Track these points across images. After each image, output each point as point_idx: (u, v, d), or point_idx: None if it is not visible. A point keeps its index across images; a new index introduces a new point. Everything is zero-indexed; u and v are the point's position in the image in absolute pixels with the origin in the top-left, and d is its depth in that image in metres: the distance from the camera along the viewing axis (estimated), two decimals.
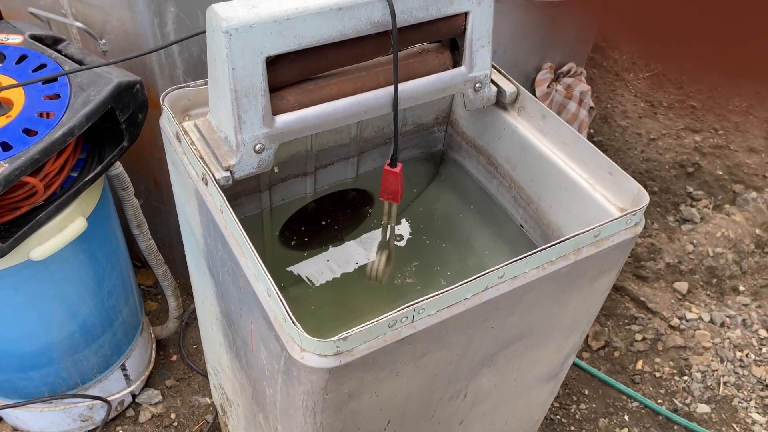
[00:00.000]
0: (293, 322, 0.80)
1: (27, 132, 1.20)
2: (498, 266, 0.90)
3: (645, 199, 1.02)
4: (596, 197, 1.11)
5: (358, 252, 1.48)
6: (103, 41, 1.58)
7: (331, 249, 1.47)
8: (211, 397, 1.94)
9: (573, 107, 1.94)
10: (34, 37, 1.37)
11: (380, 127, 1.39)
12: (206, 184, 1.00)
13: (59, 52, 1.39)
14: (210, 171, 0.98)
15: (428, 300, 0.84)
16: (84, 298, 1.50)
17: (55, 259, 1.35)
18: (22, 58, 1.32)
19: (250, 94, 0.95)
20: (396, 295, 1.43)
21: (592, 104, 1.95)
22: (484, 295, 0.91)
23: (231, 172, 1.00)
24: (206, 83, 1.13)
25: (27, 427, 1.77)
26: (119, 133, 1.38)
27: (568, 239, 0.94)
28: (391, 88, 1.08)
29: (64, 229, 1.33)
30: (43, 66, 1.31)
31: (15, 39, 1.35)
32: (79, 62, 1.37)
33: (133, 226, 1.65)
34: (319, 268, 1.46)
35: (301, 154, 1.32)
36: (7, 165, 1.14)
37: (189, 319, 2.13)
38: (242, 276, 0.93)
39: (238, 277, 0.96)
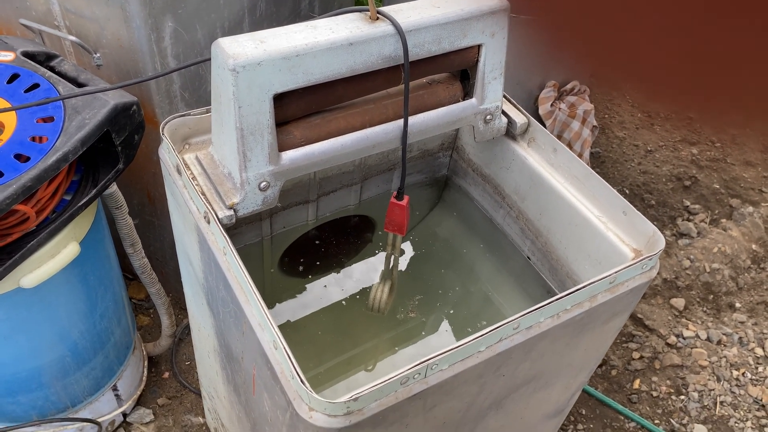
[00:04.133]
0: (302, 381, 0.77)
1: (18, 157, 1.16)
2: (512, 318, 0.86)
3: (661, 242, 0.99)
4: (609, 236, 1.08)
5: (359, 279, 1.45)
6: (98, 55, 1.53)
7: (332, 276, 1.44)
8: (204, 417, 1.90)
9: (576, 126, 1.91)
10: (26, 54, 1.32)
11: (385, 153, 1.35)
12: (208, 222, 0.96)
13: (52, 69, 1.33)
14: (213, 209, 0.94)
15: (442, 355, 0.81)
16: (75, 322, 1.45)
17: (46, 284, 1.30)
18: (14, 77, 1.27)
19: (256, 132, 0.91)
20: (396, 322, 1.40)
21: (595, 123, 1.93)
22: (498, 346, 0.88)
23: (234, 210, 0.96)
24: (207, 111, 1.09)
25: None
26: (114, 155, 1.33)
27: (583, 287, 0.91)
28: (400, 121, 1.05)
29: (57, 255, 1.28)
30: (36, 86, 1.26)
31: (7, 56, 1.30)
32: (73, 80, 1.32)
33: (126, 245, 1.60)
34: (319, 294, 1.42)
35: (304, 182, 1.28)
36: None
37: (182, 335, 2.09)
38: (246, 322, 0.89)
39: (241, 321, 0.92)
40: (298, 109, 0.98)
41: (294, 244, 1.38)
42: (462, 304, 1.39)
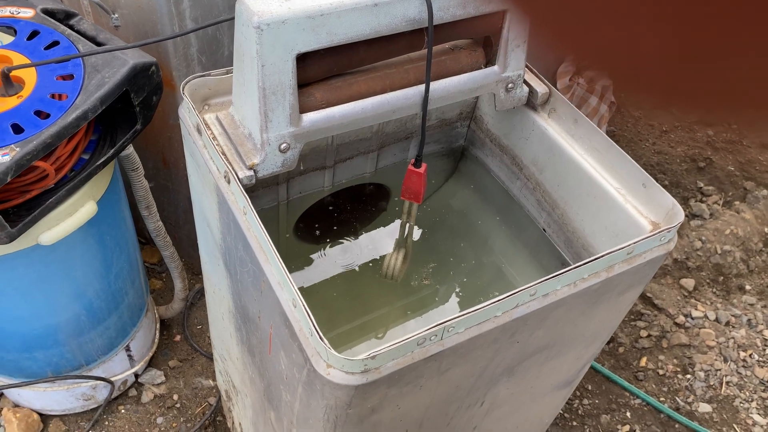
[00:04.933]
0: (320, 338, 0.77)
1: (39, 114, 1.16)
2: (530, 284, 0.87)
3: (680, 215, 0.99)
4: (627, 209, 1.08)
5: (373, 246, 1.45)
6: (116, 16, 1.53)
7: (346, 242, 1.44)
8: (214, 380, 1.93)
9: (594, 102, 1.89)
10: (45, 12, 1.32)
11: (402, 121, 1.35)
12: (228, 182, 0.96)
13: (71, 27, 1.33)
14: (233, 169, 0.94)
15: (459, 318, 0.82)
16: (91, 282, 1.47)
17: (64, 242, 1.31)
18: (33, 34, 1.26)
19: (278, 92, 0.91)
20: (409, 290, 1.41)
21: (613, 99, 1.91)
22: (514, 312, 0.88)
23: (255, 171, 0.96)
24: (228, 72, 1.08)
25: (29, 405, 1.76)
26: (132, 115, 1.33)
27: (601, 257, 0.91)
28: (421, 87, 1.04)
29: (74, 213, 1.29)
30: (55, 43, 1.25)
31: (26, 13, 1.30)
32: (92, 39, 1.32)
33: (141, 207, 1.61)
34: (333, 260, 1.43)
35: (322, 148, 1.28)
36: (18, 149, 1.10)
37: (194, 299, 2.11)
38: (265, 281, 0.90)
39: (259, 281, 0.93)
40: (320, 70, 0.97)
41: (309, 210, 1.39)
42: (475, 275, 1.39)
